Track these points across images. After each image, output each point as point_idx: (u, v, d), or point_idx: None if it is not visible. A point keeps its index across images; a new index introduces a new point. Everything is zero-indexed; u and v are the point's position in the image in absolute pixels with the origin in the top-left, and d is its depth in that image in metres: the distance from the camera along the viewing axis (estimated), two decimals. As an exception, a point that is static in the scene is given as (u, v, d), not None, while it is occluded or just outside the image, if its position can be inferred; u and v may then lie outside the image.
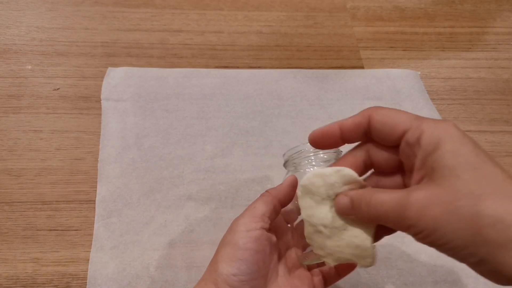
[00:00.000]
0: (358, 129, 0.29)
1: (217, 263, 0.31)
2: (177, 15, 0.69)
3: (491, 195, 0.23)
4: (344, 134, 0.29)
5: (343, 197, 0.29)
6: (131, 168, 0.50)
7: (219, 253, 0.31)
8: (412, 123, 0.26)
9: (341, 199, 0.29)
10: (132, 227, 0.45)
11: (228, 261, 0.30)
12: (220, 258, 0.31)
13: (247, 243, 0.30)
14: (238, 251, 0.30)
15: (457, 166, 0.24)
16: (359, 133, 0.29)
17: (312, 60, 0.65)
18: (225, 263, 0.30)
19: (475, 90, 0.64)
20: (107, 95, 0.57)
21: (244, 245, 0.30)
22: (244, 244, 0.30)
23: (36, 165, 0.50)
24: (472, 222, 0.23)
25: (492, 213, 0.22)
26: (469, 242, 0.23)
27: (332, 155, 0.35)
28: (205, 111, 0.56)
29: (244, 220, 0.32)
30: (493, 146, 0.57)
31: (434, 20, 0.74)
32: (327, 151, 0.34)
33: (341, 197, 0.29)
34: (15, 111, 0.54)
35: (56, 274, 0.42)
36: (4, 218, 0.45)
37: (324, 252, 0.32)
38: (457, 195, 0.23)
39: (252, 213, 0.32)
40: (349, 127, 0.29)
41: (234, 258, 0.30)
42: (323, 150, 0.34)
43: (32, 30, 0.64)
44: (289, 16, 0.72)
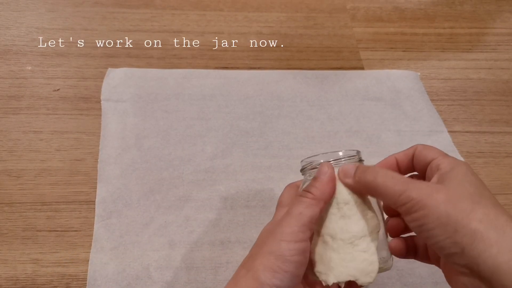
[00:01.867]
0: (407, 158, 0.34)
1: (257, 271, 0.29)
2: (177, 15, 0.69)
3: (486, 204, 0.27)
4: (399, 164, 0.34)
5: (349, 164, 0.32)
6: (131, 169, 0.50)
7: (258, 259, 0.30)
8: (439, 155, 0.32)
9: (347, 166, 0.32)
10: (132, 228, 0.45)
11: (271, 271, 0.29)
12: (261, 267, 0.29)
13: (295, 255, 0.29)
14: (284, 263, 0.29)
15: (464, 181, 0.29)
16: (408, 160, 0.34)
17: (312, 61, 0.65)
18: (268, 272, 0.29)
19: (475, 91, 0.64)
20: (107, 95, 0.57)
21: (292, 257, 0.29)
22: (291, 257, 0.29)
23: (36, 166, 0.50)
24: (466, 215, 0.26)
25: (483, 213, 0.26)
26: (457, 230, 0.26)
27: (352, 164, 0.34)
28: (205, 112, 0.56)
29: (290, 229, 0.30)
30: (493, 147, 0.57)
31: (434, 21, 0.74)
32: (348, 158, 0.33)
33: (346, 165, 0.32)
34: (15, 112, 0.54)
35: (56, 275, 0.42)
36: (4, 219, 0.45)
37: (325, 267, 0.31)
38: (459, 194, 0.27)
39: (299, 221, 0.30)
40: (401, 157, 0.34)
41: (278, 269, 0.29)
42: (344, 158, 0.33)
43: (32, 31, 0.64)
44: (289, 17, 0.72)
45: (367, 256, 0.31)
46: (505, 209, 0.28)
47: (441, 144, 0.56)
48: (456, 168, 0.30)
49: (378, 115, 0.58)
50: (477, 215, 0.26)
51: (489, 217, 0.26)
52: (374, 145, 0.55)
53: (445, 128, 0.58)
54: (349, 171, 0.31)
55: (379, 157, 0.54)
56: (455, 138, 0.57)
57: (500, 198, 0.52)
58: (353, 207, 0.31)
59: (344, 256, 0.31)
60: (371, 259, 0.31)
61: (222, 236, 0.46)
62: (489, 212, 0.27)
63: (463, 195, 0.27)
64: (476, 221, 0.26)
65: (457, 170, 0.29)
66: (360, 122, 0.57)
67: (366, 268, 0.31)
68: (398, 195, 0.28)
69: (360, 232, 0.31)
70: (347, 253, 0.31)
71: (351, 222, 0.31)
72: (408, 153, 0.34)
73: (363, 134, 0.56)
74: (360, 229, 0.31)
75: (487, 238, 0.25)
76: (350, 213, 0.31)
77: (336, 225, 0.31)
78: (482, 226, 0.26)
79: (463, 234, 0.26)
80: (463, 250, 0.26)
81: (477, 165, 0.55)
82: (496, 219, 0.26)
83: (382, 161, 0.35)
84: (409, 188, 0.28)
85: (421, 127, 0.57)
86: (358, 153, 0.34)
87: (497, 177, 0.54)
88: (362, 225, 0.31)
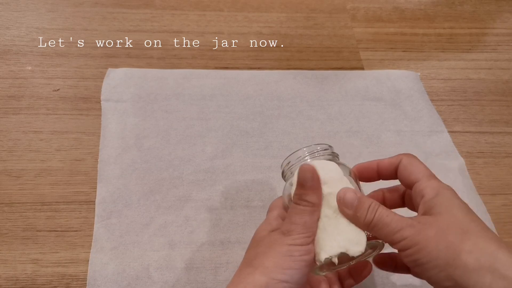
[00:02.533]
0: (391, 167, 0.35)
1: (267, 267, 0.30)
2: (177, 16, 0.69)
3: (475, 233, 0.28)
4: (380, 170, 0.35)
5: (352, 192, 0.32)
6: (131, 169, 0.50)
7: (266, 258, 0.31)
8: (422, 177, 0.32)
9: (349, 193, 0.32)
10: (132, 228, 0.45)
11: (281, 268, 0.30)
12: (271, 264, 0.30)
13: (303, 255, 0.31)
14: (294, 262, 0.30)
15: (451, 207, 0.30)
16: (391, 170, 0.35)
17: (312, 61, 0.65)
18: (278, 269, 0.30)
19: (475, 91, 0.64)
20: (107, 96, 0.57)
21: (301, 257, 0.31)
22: (300, 256, 0.31)
23: (36, 166, 0.50)
24: (455, 247, 0.27)
25: (472, 243, 0.27)
26: (449, 263, 0.27)
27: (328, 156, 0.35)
28: (205, 112, 0.56)
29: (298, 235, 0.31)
30: (493, 147, 0.57)
31: (434, 21, 0.74)
32: (322, 153, 0.35)
33: (349, 191, 0.32)
34: (15, 112, 0.54)
35: (55, 275, 0.42)
36: (4, 219, 0.45)
37: (317, 248, 0.32)
38: (448, 225, 0.29)
39: (305, 228, 0.31)
40: (385, 164, 0.35)
41: (288, 266, 0.30)
42: (318, 153, 0.35)
43: (32, 31, 0.64)
44: (289, 17, 0.72)
45: (353, 226, 0.32)
46: (493, 232, 0.29)
47: (441, 144, 0.56)
48: (441, 193, 0.31)
49: (378, 115, 0.58)
50: (466, 247, 0.27)
51: (478, 246, 0.27)
52: (374, 145, 0.55)
53: (445, 128, 0.58)
54: (349, 203, 0.32)
55: (379, 157, 0.54)
56: (455, 138, 0.57)
57: (500, 198, 0.52)
58: (331, 184, 0.33)
59: (331, 230, 0.32)
60: (358, 229, 0.32)
61: (222, 236, 0.46)
62: (477, 241, 0.27)
63: (452, 225, 0.28)
64: (466, 253, 0.27)
65: (442, 195, 0.30)
66: (360, 122, 0.57)
67: (354, 237, 0.31)
68: (393, 233, 0.29)
69: None
70: (334, 228, 0.32)
71: (331, 198, 0.32)
72: (392, 162, 0.35)
73: (363, 134, 0.56)
74: None
75: (479, 268, 0.26)
76: (329, 190, 0.32)
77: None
78: (473, 257, 0.27)
79: (454, 267, 0.27)
80: (457, 282, 0.27)
81: (477, 165, 0.55)
82: (486, 247, 0.27)
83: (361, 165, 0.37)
84: (403, 227, 0.29)
85: (421, 127, 0.57)
86: (330, 147, 0.36)
87: (497, 177, 0.54)
88: None
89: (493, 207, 0.51)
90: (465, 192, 0.51)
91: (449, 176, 0.52)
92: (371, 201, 0.31)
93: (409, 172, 0.33)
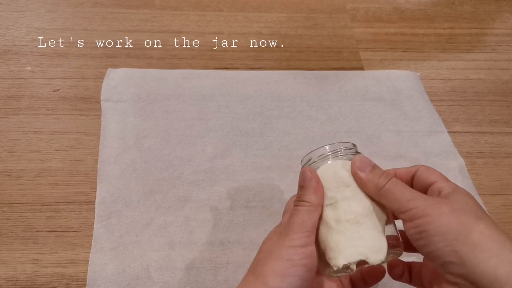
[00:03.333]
0: (408, 175, 0.35)
1: (266, 276, 0.29)
2: (177, 16, 0.69)
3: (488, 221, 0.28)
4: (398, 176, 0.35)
5: (367, 158, 0.32)
6: (130, 169, 0.50)
7: (267, 265, 0.30)
8: (440, 179, 0.33)
9: (364, 158, 0.32)
10: (132, 228, 0.45)
11: (280, 276, 0.29)
12: (270, 271, 0.29)
13: (303, 259, 0.30)
14: (292, 267, 0.29)
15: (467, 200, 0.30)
16: (408, 178, 0.35)
17: (312, 61, 0.65)
18: (276, 277, 0.29)
19: (475, 91, 0.64)
20: (107, 96, 0.57)
21: (300, 261, 0.30)
22: (300, 260, 0.30)
23: (35, 166, 0.50)
24: (468, 225, 0.27)
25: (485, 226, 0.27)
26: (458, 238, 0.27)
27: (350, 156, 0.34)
28: (205, 112, 0.56)
29: (296, 235, 0.30)
30: (493, 147, 0.57)
31: (433, 21, 0.74)
32: (344, 152, 0.34)
33: (364, 157, 0.33)
34: (15, 112, 0.54)
35: (55, 275, 0.42)
36: (4, 219, 0.45)
37: (334, 252, 0.31)
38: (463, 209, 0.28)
39: (302, 228, 0.31)
40: (403, 172, 0.35)
41: (287, 273, 0.29)
42: (341, 152, 0.34)
43: (32, 31, 0.64)
44: (289, 17, 0.72)
45: (374, 233, 0.31)
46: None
47: (441, 145, 0.56)
48: (458, 190, 0.31)
49: (378, 116, 0.58)
50: (479, 228, 0.27)
51: (490, 230, 0.27)
52: (374, 145, 0.55)
53: (445, 129, 0.58)
54: (363, 166, 0.32)
55: (379, 157, 0.54)
56: (455, 138, 0.57)
57: (500, 198, 0.52)
58: (354, 188, 0.32)
59: (351, 235, 0.30)
60: (379, 236, 0.31)
61: (222, 237, 0.46)
62: (490, 226, 0.27)
63: (466, 210, 0.28)
64: (477, 232, 0.27)
65: (459, 192, 0.31)
66: (360, 122, 0.57)
67: (375, 245, 0.30)
68: (405, 201, 0.29)
69: (365, 210, 0.31)
70: (354, 233, 0.31)
71: (354, 202, 0.31)
72: (410, 171, 0.35)
73: (363, 134, 0.56)
74: (364, 208, 0.31)
75: (488, 249, 0.26)
76: (351, 195, 0.32)
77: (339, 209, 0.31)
78: (483, 238, 0.27)
79: (463, 243, 0.27)
80: (462, 259, 0.26)
81: (477, 166, 0.55)
82: (497, 234, 0.27)
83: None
84: (416, 197, 0.29)
85: (421, 127, 0.57)
86: (354, 146, 0.35)
87: (497, 177, 0.54)
88: (366, 204, 0.31)
89: (493, 207, 0.51)
90: (465, 192, 0.51)
91: (449, 176, 0.51)
92: (385, 171, 0.32)
93: (427, 176, 0.33)
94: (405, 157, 0.54)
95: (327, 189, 0.32)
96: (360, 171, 0.32)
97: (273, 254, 0.30)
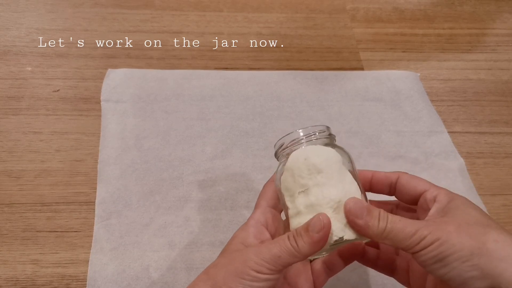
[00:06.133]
0: (386, 181, 0.34)
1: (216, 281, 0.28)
2: (176, 16, 0.69)
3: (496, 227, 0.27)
4: (374, 181, 0.34)
5: (359, 202, 0.29)
6: (130, 169, 0.50)
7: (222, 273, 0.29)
8: (431, 187, 0.32)
9: (357, 203, 0.29)
10: (132, 229, 0.45)
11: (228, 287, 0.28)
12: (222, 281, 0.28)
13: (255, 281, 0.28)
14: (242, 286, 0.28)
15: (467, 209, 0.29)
16: (385, 185, 0.34)
17: (311, 61, 0.65)
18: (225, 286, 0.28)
19: (475, 91, 0.64)
20: (107, 96, 0.57)
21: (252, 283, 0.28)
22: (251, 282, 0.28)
23: (36, 167, 0.50)
24: (479, 237, 0.26)
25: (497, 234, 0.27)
26: (474, 252, 0.26)
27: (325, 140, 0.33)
28: (205, 112, 0.56)
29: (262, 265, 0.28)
30: (493, 148, 0.57)
31: (433, 21, 0.74)
32: (318, 136, 0.33)
33: (354, 200, 0.29)
34: (15, 113, 0.54)
35: (55, 275, 0.42)
36: (4, 219, 0.45)
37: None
38: (467, 222, 0.28)
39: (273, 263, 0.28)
40: (380, 176, 0.34)
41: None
42: (315, 136, 0.33)
43: (32, 32, 0.64)
44: (288, 17, 0.72)
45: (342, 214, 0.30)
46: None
47: (441, 145, 0.56)
48: (455, 198, 0.30)
49: (378, 116, 0.58)
50: (491, 236, 0.26)
51: (503, 236, 0.26)
52: (374, 145, 0.55)
53: (445, 129, 0.58)
54: (359, 212, 0.29)
55: (379, 157, 0.54)
56: (455, 138, 0.57)
57: (500, 198, 0.52)
58: (327, 174, 0.30)
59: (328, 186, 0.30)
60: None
61: (222, 237, 0.46)
62: (500, 232, 0.27)
63: (471, 221, 0.28)
64: (491, 241, 0.26)
65: (456, 201, 0.30)
66: (360, 122, 0.57)
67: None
68: (410, 236, 0.28)
69: (338, 196, 0.30)
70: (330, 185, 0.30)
71: (327, 188, 0.30)
72: (389, 177, 0.34)
73: (363, 134, 0.56)
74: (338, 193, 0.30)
75: (507, 256, 0.25)
76: (324, 181, 0.30)
77: (310, 195, 0.30)
78: (499, 245, 0.26)
79: (480, 255, 0.26)
80: (483, 271, 0.26)
81: (476, 166, 0.55)
82: (510, 238, 0.26)
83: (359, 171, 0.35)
84: (419, 227, 0.28)
85: (421, 127, 0.57)
86: (328, 129, 0.34)
87: (497, 177, 0.54)
88: (339, 188, 0.30)
89: (493, 207, 0.51)
90: (465, 192, 0.51)
91: (449, 176, 0.52)
92: (378, 209, 0.30)
93: (413, 185, 0.32)
94: (405, 157, 0.54)
95: (299, 176, 0.31)
96: (357, 218, 0.29)
97: (234, 264, 0.29)
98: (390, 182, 0.34)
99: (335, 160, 0.32)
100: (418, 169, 0.53)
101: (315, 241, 0.28)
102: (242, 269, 0.28)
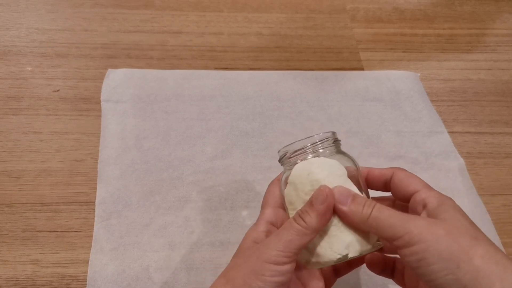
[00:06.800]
0: (381, 178, 0.34)
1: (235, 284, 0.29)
2: (176, 16, 0.69)
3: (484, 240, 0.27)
4: (369, 179, 0.34)
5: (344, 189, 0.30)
6: (130, 169, 0.50)
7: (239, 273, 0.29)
8: (422, 188, 0.31)
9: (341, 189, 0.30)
10: (132, 229, 0.45)
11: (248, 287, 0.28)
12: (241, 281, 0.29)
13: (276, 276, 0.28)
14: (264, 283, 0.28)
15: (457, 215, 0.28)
16: (381, 181, 0.34)
17: (311, 61, 0.65)
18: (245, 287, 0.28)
19: (475, 91, 0.64)
20: (107, 96, 0.57)
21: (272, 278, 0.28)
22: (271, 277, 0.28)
23: (36, 167, 0.50)
24: (467, 251, 0.26)
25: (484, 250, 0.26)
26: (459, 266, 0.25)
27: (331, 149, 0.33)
28: (205, 112, 0.56)
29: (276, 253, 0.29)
30: (493, 148, 0.57)
31: (433, 21, 0.74)
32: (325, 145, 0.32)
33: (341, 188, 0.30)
34: (15, 113, 0.54)
35: (55, 275, 0.42)
36: (4, 219, 0.45)
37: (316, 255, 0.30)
38: (458, 229, 0.27)
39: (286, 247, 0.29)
40: (376, 174, 0.34)
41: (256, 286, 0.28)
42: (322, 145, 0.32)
43: (32, 32, 0.64)
44: (288, 17, 0.72)
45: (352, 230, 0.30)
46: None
47: (441, 145, 0.56)
48: (445, 203, 0.29)
49: (378, 116, 0.58)
50: (479, 251, 0.26)
51: (490, 253, 0.26)
52: (374, 146, 0.55)
53: (445, 129, 0.58)
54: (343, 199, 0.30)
55: (379, 157, 0.54)
56: (455, 138, 0.57)
57: (500, 198, 0.52)
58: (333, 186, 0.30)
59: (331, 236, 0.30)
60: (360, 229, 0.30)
61: (222, 237, 0.46)
62: (489, 248, 0.26)
63: (461, 230, 0.27)
64: (478, 257, 0.26)
65: (446, 205, 0.29)
66: (360, 122, 0.57)
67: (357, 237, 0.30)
68: (396, 227, 0.27)
69: None
70: (333, 231, 0.30)
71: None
72: (384, 173, 0.34)
73: (363, 134, 0.56)
74: None
75: (490, 275, 0.25)
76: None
77: None
78: (485, 263, 0.25)
79: (465, 271, 0.25)
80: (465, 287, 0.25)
81: (476, 166, 0.55)
82: (497, 255, 0.26)
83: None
84: (406, 220, 0.27)
85: (421, 128, 0.57)
86: (333, 134, 0.33)
87: (497, 177, 0.54)
88: None
89: (493, 207, 0.51)
90: (465, 192, 0.51)
91: (449, 177, 0.53)
92: (367, 199, 0.30)
93: (406, 183, 0.32)
94: (405, 157, 0.54)
95: (302, 191, 0.31)
96: (341, 204, 0.29)
97: (249, 263, 0.29)
98: (385, 180, 0.34)
99: (339, 173, 0.31)
100: (418, 169, 0.53)
101: (322, 213, 0.29)
102: (260, 266, 0.28)
